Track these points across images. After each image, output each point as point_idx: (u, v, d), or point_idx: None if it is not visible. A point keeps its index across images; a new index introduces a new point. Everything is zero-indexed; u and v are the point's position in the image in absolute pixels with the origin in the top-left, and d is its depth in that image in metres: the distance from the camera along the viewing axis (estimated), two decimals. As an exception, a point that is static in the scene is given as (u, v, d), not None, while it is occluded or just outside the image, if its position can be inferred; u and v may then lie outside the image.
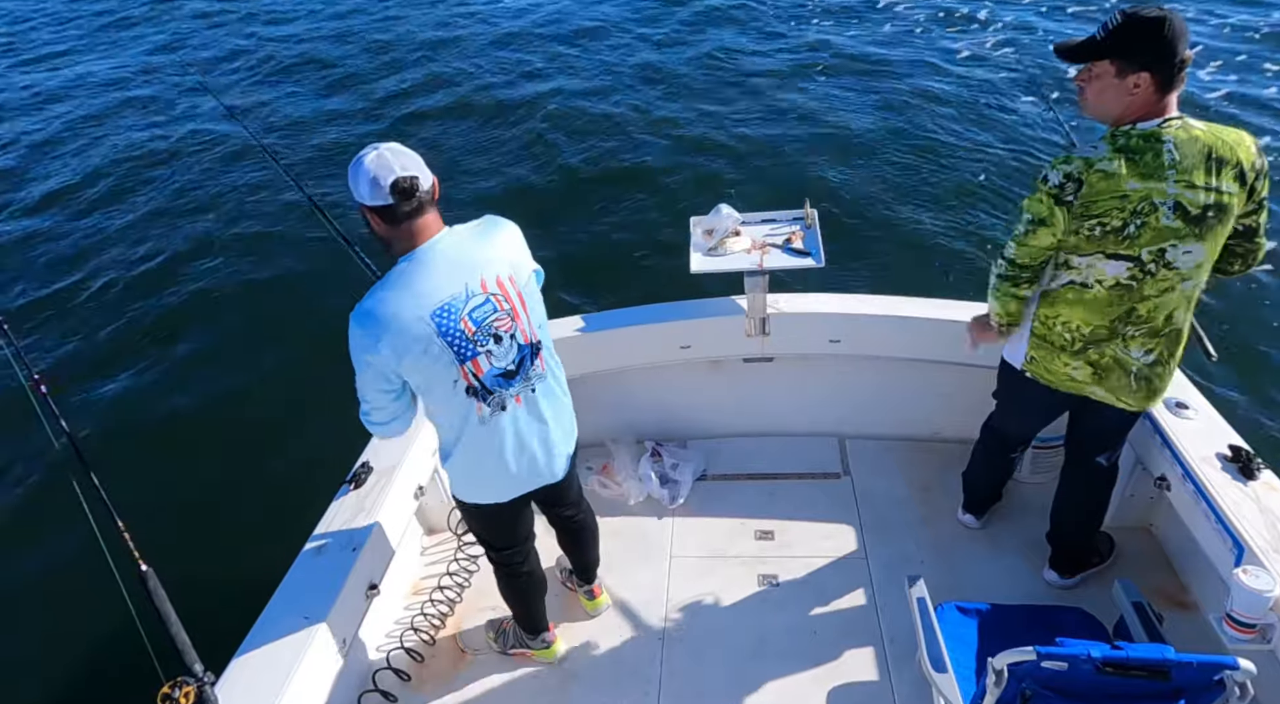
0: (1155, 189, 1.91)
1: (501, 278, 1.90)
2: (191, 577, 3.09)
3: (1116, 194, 1.93)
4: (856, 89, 7.95)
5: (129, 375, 5.07)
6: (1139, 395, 2.19)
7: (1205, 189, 1.90)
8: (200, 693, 1.73)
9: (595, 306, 3.14)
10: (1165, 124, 1.91)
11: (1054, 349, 2.20)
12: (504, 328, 1.91)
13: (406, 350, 1.82)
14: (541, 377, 2.04)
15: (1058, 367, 2.22)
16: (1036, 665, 1.56)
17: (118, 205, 7.09)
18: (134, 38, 11.53)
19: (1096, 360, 2.16)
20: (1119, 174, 1.92)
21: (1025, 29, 9.07)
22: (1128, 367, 2.14)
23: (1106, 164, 1.93)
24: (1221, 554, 2.16)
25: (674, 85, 8.39)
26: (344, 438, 2.90)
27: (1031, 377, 2.30)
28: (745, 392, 3.22)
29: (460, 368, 1.88)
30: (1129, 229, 1.96)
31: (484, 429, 1.99)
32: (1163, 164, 1.90)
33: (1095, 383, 2.20)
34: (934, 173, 6.42)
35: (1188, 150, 1.89)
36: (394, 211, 1.79)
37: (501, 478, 2.10)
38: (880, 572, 2.70)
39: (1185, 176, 1.90)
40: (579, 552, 2.58)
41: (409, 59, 9.71)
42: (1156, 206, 1.92)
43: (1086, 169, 1.95)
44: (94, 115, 9.01)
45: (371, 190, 1.77)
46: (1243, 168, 1.90)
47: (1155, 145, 1.90)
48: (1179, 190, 1.91)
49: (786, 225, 2.98)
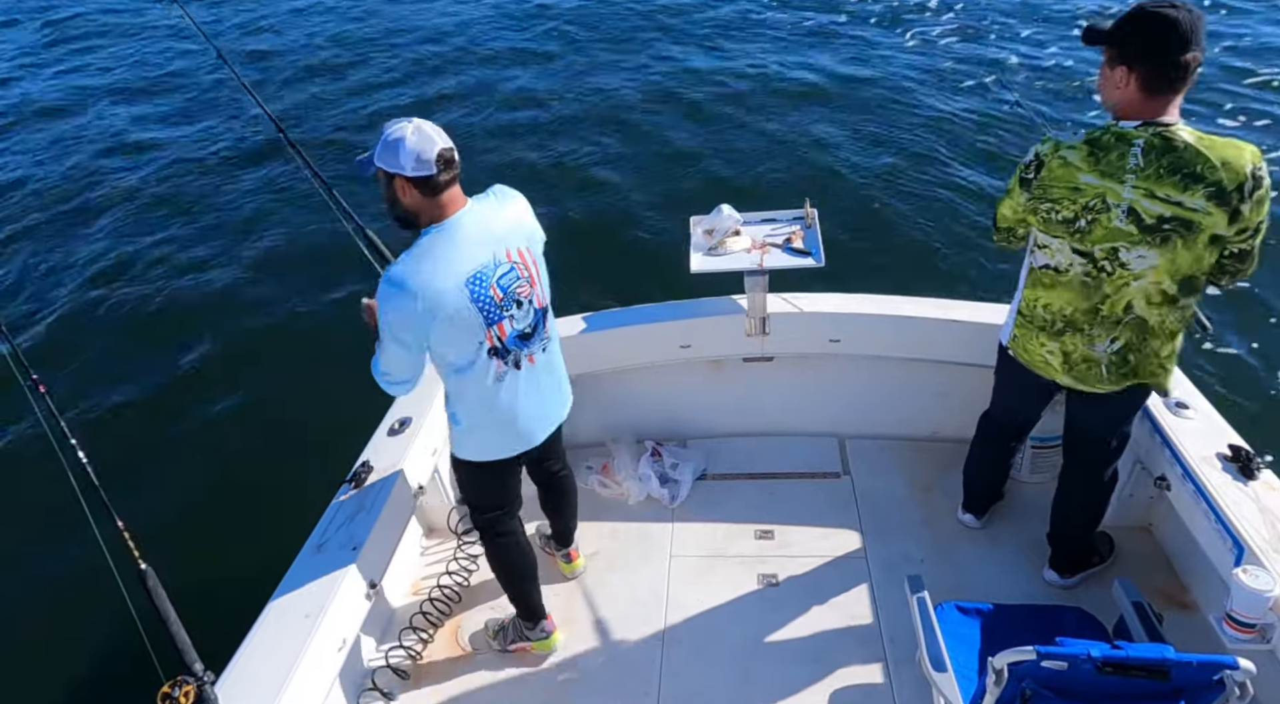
0: (1110, 189, 1.91)
1: (521, 248, 2.06)
2: (191, 576, 3.09)
3: (1070, 184, 1.95)
4: (857, 89, 7.95)
5: (129, 375, 5.07)
6: (1111, 380, 2.15)
7: (1165, 201, 1.86)
8: (200, 692, 1.73)
9: (595, 306, 3.14)
10: (1144, 127, 1.87)
11: (1034, 328, 2.22)
12: (524, 294, 2.07)
13: (440, 316, 1.92)
14: (550, 337, 2.22)
15: (1034, 347, 2.24)
16: (1036, 665, 1.56)
17: (119, 204, 7.08)
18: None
19: (1069, 351, 2.16)
20: (1076, 165, 1.94)
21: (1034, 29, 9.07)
22: (1096, 361, 2.14)
23: (1070, 152, 1.95)
24: (1221, 554, 2.16)
25: (675, 85, 8.39)
26: (344, 438, 2.91)
27: (1013, 356, 2.33)
28: (745, 391, 3.22)
29: (487, 331, 2.02)
30: (1080, 223, 1.97)
31: (501, 385, 2.12)
32: (1124, 166, 1.89)
33: (1064, 371, 2.20)
34: (934, 172, 6.42)
35: (1157, 159, 1.86)
36: (434, 182, 1.90)
37: (511, 433, 2.23)
38: (880, 571, 2.70)
39: (1145, 184, 1.88)
40: (561, 512, 2.69)
41: (419, 55, 9.72)
42: (1109, 206, 1.92)
43: (1052, 152, 1.98)
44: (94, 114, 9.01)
45: (416, 162, 1.87)
46: (1222, 188, 1.81)
47: (1123, 146, 1.89)
48: (1135, 196, 1.89)
49: (786, 225, 2.98)
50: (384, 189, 1.97)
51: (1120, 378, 2.14)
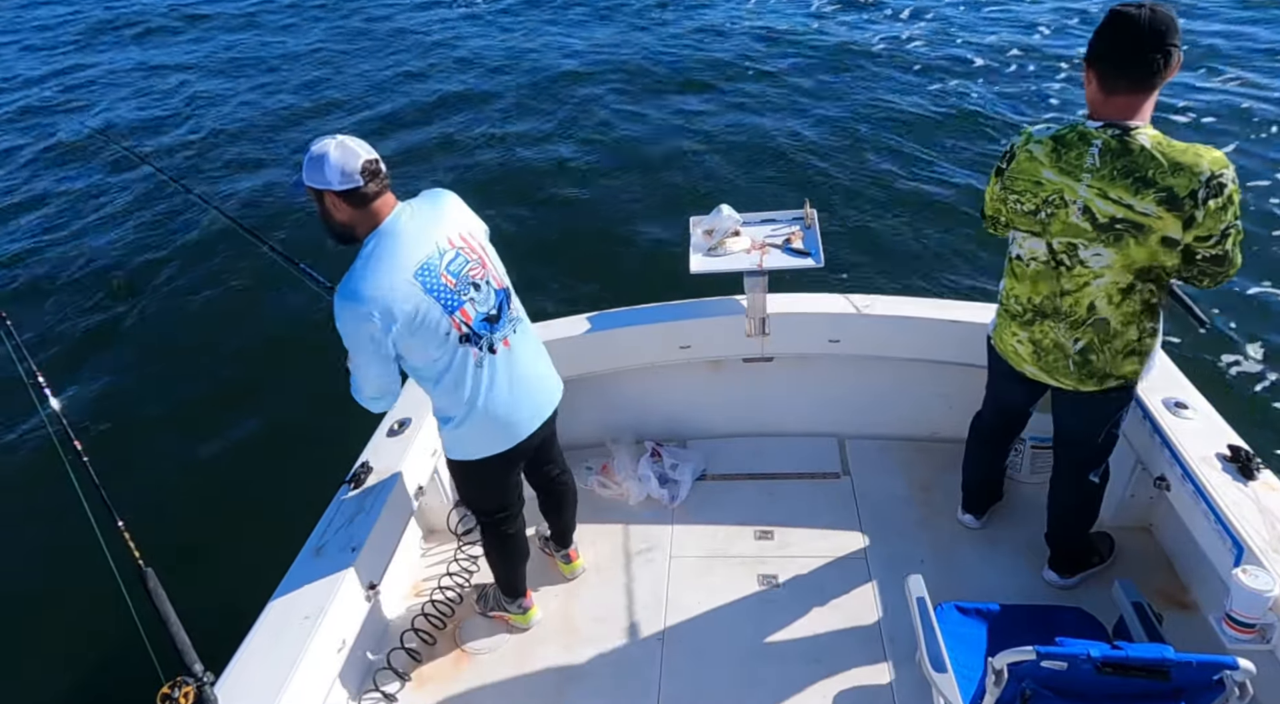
0: (1068, 186, 1.95)
1: (463, 233, 2.10)
2: (191, 577, 3.09)
3: (1032, 178, 2.00)
4: (858, 90, 7.95)
5: (130, 375, 5.07)
6: (1074, 377, 2.17)
7: (1117, 203, 1.88)
8: (200, 693, 1.73)
9: (595, 307, 3.14)
10: (1105, 128, 1.89)
11: (1008, 318, 2.26)
12: (478, 275, 2.09)
13: (399, 315, 1.93)
14: (519, 319, 2.23)
15: (1007, 337, 2.28)
16: (1036, 665, 1.56)
17: (120, 203, 7.09)
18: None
19: (1039, 340, 2.19)
20: (1039, 160, 1.98)
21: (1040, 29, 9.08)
22: (1066, 351, 2.16)
23: (1035, 146, 2.00)
24: (1221, 554, 2.16)
25: (676, 86, 8.39)
26: (344, 438, 2.91)
27: (993, 345, 2.38)
28: (745, 392, 3.22)
29: (451, 318, 2.02)
30: (1040, 215, 2.02)
31: (482, 374, 2.13)
32: (1081, 166, 1.92)
33: (1033, 361, 2.23)
34: (934, 173, 6.43)
35: (1112, 161, 1.87)
36: (362, 193, 1.92)
37: (501, 426, 2.22)
38: (880, 571, 2.70)
39: (1099, 184, 1.90)
40: (560, 514, 2.70)
41: (427, 62, 9.73)
42: (1067, 203, 1.96)
43: (1022, 145, 2.04)
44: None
45: (342, 176, 1.89)
46: (1173, 193, 1.80)
47: (1083, 146, 1.92)
48: (1090, 195, 1.92)
49: (786, 225, 2.98)
50: (318, 207, 1.99)
51: (1085, 377, 2.16)
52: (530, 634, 2.62)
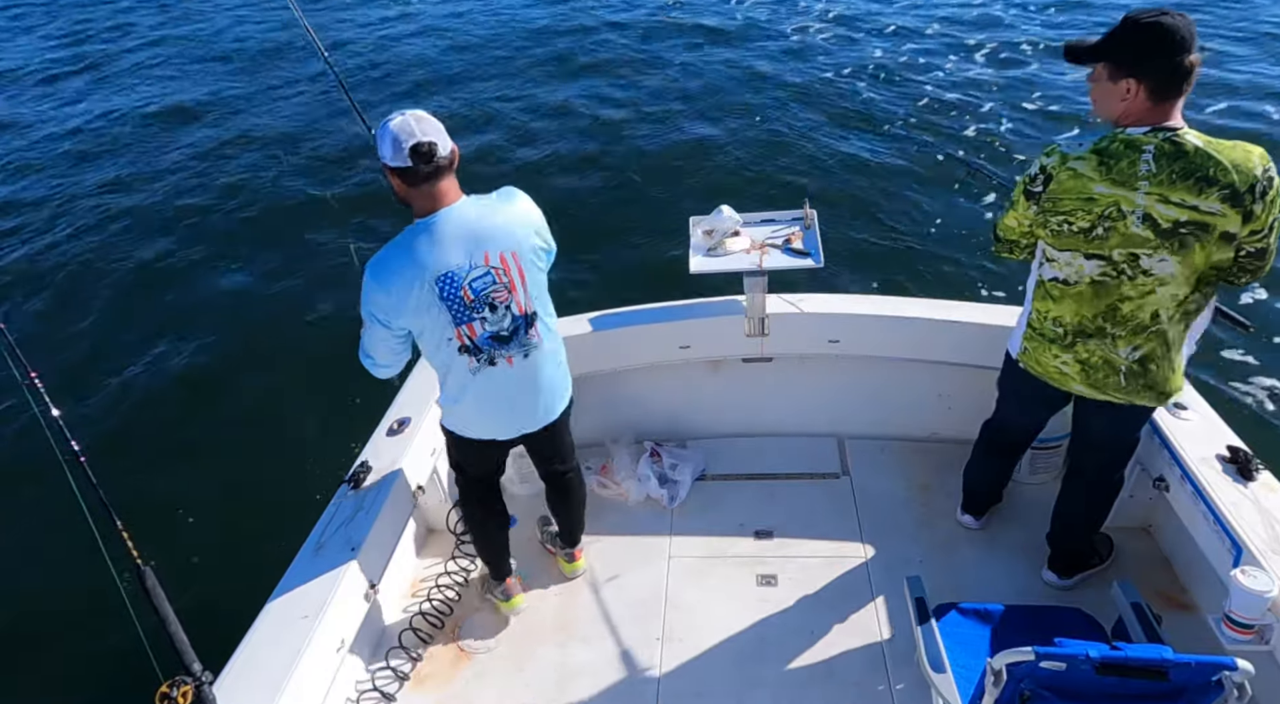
0: (1124, 196, 1.90)
1: (505, 253, 2.05)
2: (191, 576, 3.10)
3: (1083, 195, 1.94)
4: (858, 91, 7.95)
5: (129, 374, 5.07)
6: (1129, 390, 2.14)
7: (1180, 205, 1.86)
8: (198, 692, 1.73)
9: (595, 307, 3.14)
10: (1153, 133, 1.88)
11: (1045, 341, 2.21)
12: (501, 299, 2.08)
13: (406, 308, 2.01)
14: (534, 345, 2.20)
15: (1047, 359, 2.23)
16: (1035, 666, 1.56)
17: (119, 202, 7.09)
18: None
19: (1085, 358, 2.14)
20: (1087, 176, 1.93)
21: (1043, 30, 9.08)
22: (1116, 365, 2.12)
23: (1078, 163, 1.94)
24: (1220, 555, 2.16)
25: (677, 86, 8.39)
26: (344, 438, 2.91)
27: (1024, 368, 2.31)
28: (745, 392, 3.22)
29: (455, 330, 2.07)
30: (1097, 231, 1.96)
31: (475, 378, 2.16)
32: (1136, 173, 1.88)
33: (1082, 380, 2.18)
34: (932, 172, 6.43)
35: (1168, 163, 1.86)
36: (413, 174, 1.94)
37: (485, 421, 2.29)
38: (880, 572, 2.70)
39: (1159, 190, 1.87)
40: (566, 513, 2.72)
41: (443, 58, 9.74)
42: (1125, 214, 1.92)
43: (1060, 165, 1.97)
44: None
45: (394, 151, 1.92)
46: (1235, 189, 1.82)
47: (1133, 154, 1.89)
48: (1149, 202, 1.89)
49: (786, 226, 2.98)
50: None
51: (1138, 389, 2.12)
52: (529, 633, 2.62)
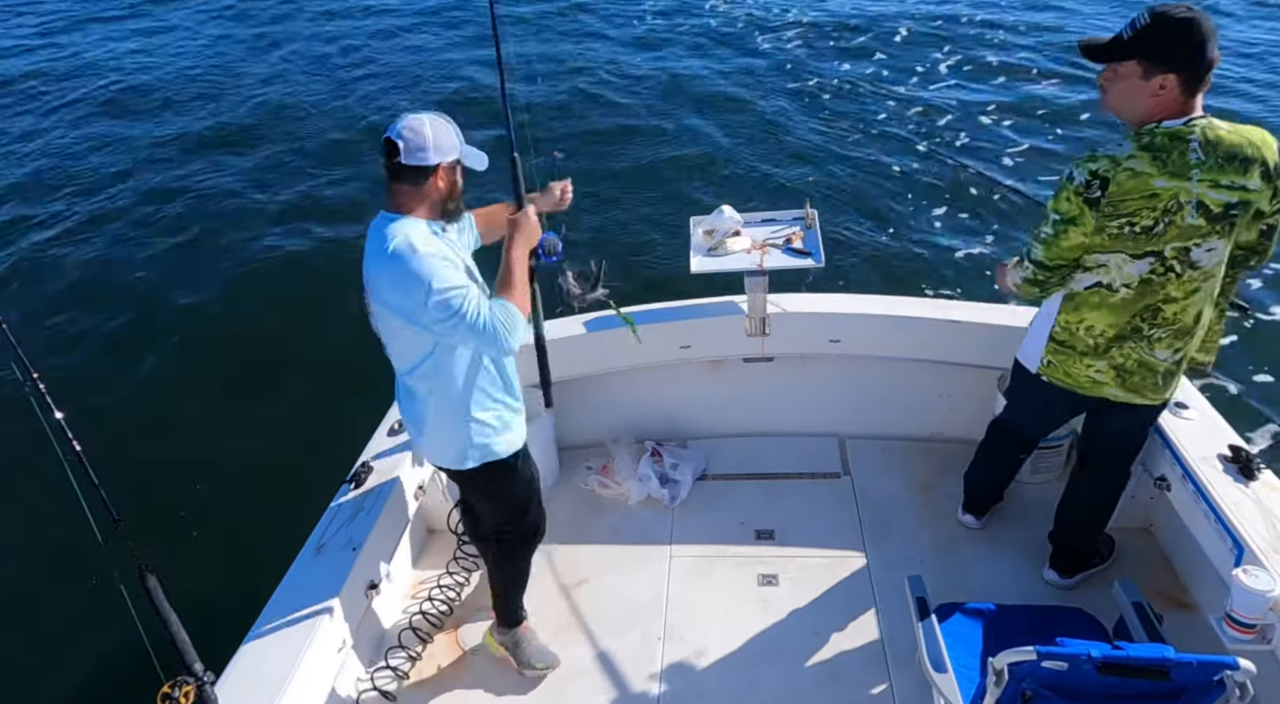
0: (1182, 188, 1.90)
1: (371, 300, 1.97)
2: (191, 576, 3.09)
3: (1146, 193, 1.91)
4: (859, 91, 7.95)
5: (130, 375, 5.06)
6: (1163, 389, 2.17)
7: (1229, 187, 1.90)
8: (200, 692, 1.73)
9: (594, 307, 3.14)
10: (1190, 123, 1.89)
11: (1076, 353, 2.17)
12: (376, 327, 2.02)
13: None
14: (411, 390, 2.10)
15: (1078, 370, 2.19)
16: (1037, 665, 1.56)
17: (119, 201, 7.08)
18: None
19: (1121, 363, 2.13)
20: (1147, 173, 1.90)
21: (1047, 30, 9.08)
22: (1154, 368, 2.12)
23: (1134, 162, 1.91)
24: (1221, 554, 2.16)
25: (677, 86, 8.39)
26: (344, 438, 2.91)
27: (1048, 381, 2.27)
28: (745, 391, 3.22)
29: None
30: (1158, 228, 1.94)
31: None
32: (1188, 163, 1.89)
33: (1117, 385, 2.17)
34: (933, 172, 6.43)
35: (1213, 149, 1.88)
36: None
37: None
38: (880, 571, 2.70)
39: (1210, 176, 1.89)
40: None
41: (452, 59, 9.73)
42: (1182, 205, 1.91)
43: (1114, 167, 1.92)
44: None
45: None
46: (1268, 166, 1.90)
47: (1181, 144, 1.89)
48: (1202, 190, 1.90)
49: (787, 226, 2.98)
50: None
51: (1170, 387, 2.17)
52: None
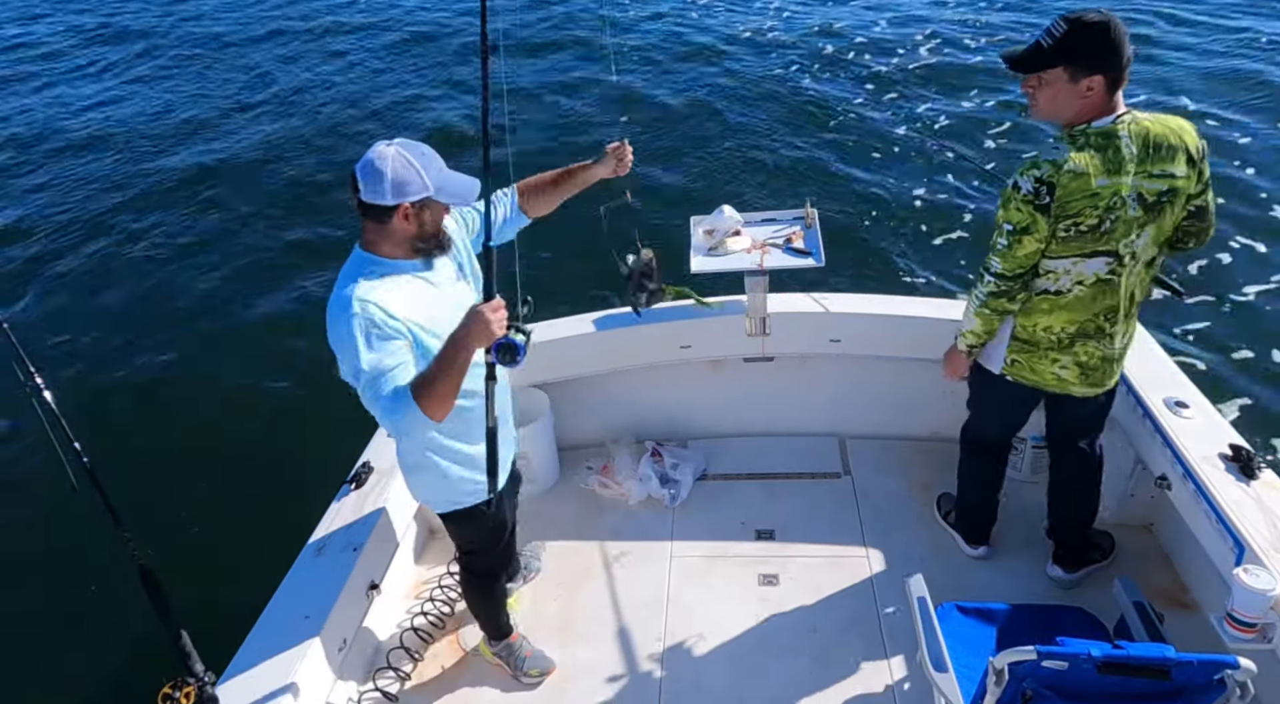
0: (1121, 184, 1.97)
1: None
2: (192, 577, 3.09)
3: (1088, 193, 1.97)
4: (858, 91, 7.96)
5: (132, 375, 5.07)
6: (1116, 372, 2.29)
7: (1160, 176, 1.98)
8: (201, 692, 1.73)
9: (595, 308, 3.14)
10: (1117, 121, 1.97)
11: (1040, 350, 2.23)
12: None
13: None
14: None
15: (1043, 367, 2.25)
16: (1037, 665, 1.56)
17: (119, 199, 7.08)
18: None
19: (1085, 361, 2.20)
20: (1087, 173, 1.96)
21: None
22: (1112, 358, 2.23)
23: (1074, 164, 1.97)
24: (1222, 553, 2.16)
25: (677, 86, 8.39)
26: (344, 438, 2.91)
27: (1013, 380, 2.32)
28: (745, 391, 3.22)
29: None
30: (1104, 225, 2.00)
31: None
32: (1123, 158, 1.96)
33: (1081, 382, 2.24)
34: (934, 173, 6.42)
35: (1142, 142, 1.96)
36: None
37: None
38: (880, 571, 2.70)
39: (1143, 167, 1.97)
40: None
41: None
42: (1124, 200, 1.98)
43: (1056, 172, 1.97)
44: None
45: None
46: (1190, 152, 1.99)
47: (1114, 141, 1.96)
48: (1139, 181, 1.98)
49: (787, 225, 2.98)
50: None
51: (1121, 366, 2.29)
52: (530, 633, 2.61)
